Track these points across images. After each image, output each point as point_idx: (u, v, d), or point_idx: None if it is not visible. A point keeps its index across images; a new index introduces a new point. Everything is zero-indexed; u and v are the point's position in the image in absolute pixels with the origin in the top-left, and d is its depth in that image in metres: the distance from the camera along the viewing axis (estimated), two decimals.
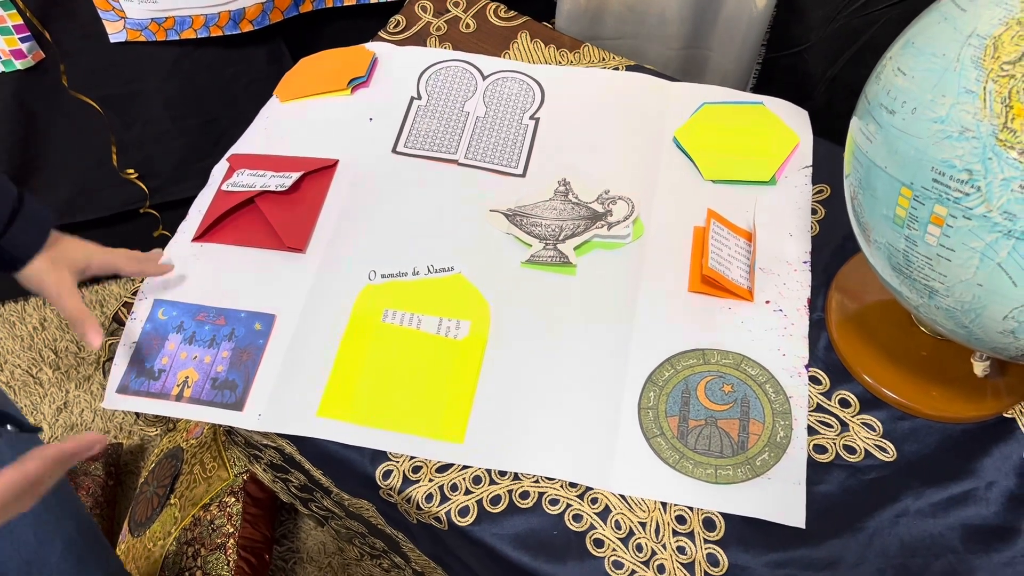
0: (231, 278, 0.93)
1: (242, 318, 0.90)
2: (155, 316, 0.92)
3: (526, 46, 1.13)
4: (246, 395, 0.86)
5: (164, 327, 0.91)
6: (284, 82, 1.11)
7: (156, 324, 0.91)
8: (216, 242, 0.97)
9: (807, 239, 0.94)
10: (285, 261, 0.94)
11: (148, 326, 0.91)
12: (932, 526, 0.77)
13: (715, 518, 0.78)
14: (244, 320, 0.90)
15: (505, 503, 0.80)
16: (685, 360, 0.85)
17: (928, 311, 0.70)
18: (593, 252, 0.93)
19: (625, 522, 0.78)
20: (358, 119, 1.06)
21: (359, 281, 0.93)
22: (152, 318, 0.92)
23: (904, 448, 0.82)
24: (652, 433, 0.81)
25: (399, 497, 0.82)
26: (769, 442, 0.80)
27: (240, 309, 0.91)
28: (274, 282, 0.93)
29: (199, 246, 0.97)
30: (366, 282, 0.92)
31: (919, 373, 0.84)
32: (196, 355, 0.89)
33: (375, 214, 0.98)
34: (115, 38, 1.22)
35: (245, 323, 0.90)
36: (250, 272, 0.94)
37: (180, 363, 0.88)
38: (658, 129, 1.03)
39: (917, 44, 0.65)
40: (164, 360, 0.89)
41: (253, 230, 0.97)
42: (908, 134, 0.63)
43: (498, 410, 0.83)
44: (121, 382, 0.88)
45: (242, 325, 0.90)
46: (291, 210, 0.97)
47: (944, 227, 0.62)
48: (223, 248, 0.96)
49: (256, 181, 0.98)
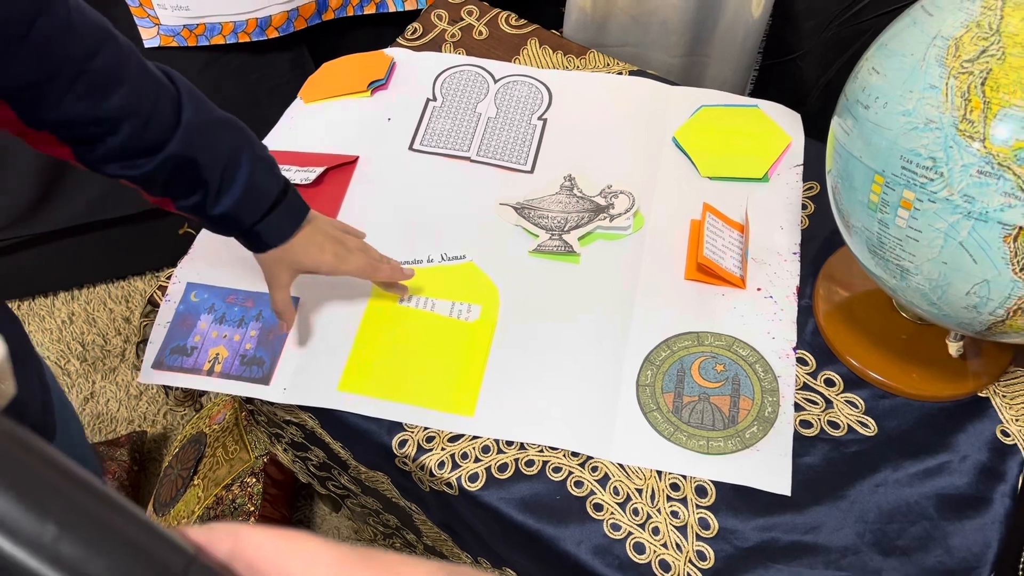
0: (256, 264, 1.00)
1: (268, 300, 0.97)
2: (188, 298, 0.99)
3: (535, 52, 1.20)
4: (272, 370, 0.93)
5: (196, 308, 0.98)
6: (308, 85, 1.18)
7: (189, 305, 0.98)
8: None
9: (797, 232, 1.00)
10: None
11: (181, 307, 0.98)
12: (908, 495, 0.83)
13: (707, 486, 0.84)
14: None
15: (512, 470, 0.86)
16: (681, 342, 0.91)
17: (903, 291, 0.76)
18: (596, 242, 1.00)
19: (623, 488, 0.84)
20: (377, 119, 1.13)
21: None
22: (185, 300, 0.98)
23: (884, 424, 0.87)
24: (649, 408, 0.87)
25: (413, 465, 0.88)
26: (758, 417, 0.86)
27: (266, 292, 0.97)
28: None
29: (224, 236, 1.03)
30: None
31: (900, 355, 0.90)
32: (226, 334, 0.95)
33: (393, 206, 1.04)
34: (149, 43, 1.30)
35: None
36: None
37: (211, 341, 0.95)
38: (659, 130, 1.10)
39: (890, 46, 0.71)
40: (196, 339, 0.95)
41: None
42: (881, 126, 0.70)
43: (506, 386, 0.90)
44: (156, 358, 0.95)
45: (268, 307, 0.96)
46: (314, 202, 1.03)
47: (912, 210, 0.68)
48: None
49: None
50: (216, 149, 0.78)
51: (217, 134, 0.78)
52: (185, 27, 1.28)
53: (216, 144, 0.78)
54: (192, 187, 0.78)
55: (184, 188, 0.79)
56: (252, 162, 0.80)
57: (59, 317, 1.77)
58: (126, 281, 1.81)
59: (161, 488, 1.43)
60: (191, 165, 0.77)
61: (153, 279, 1.82)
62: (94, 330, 1.76)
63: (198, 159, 0.77)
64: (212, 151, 0.77)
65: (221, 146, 0.78)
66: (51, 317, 1.77)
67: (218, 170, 0.78)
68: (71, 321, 1.77)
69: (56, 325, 1.76)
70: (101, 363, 1.72)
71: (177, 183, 0.78)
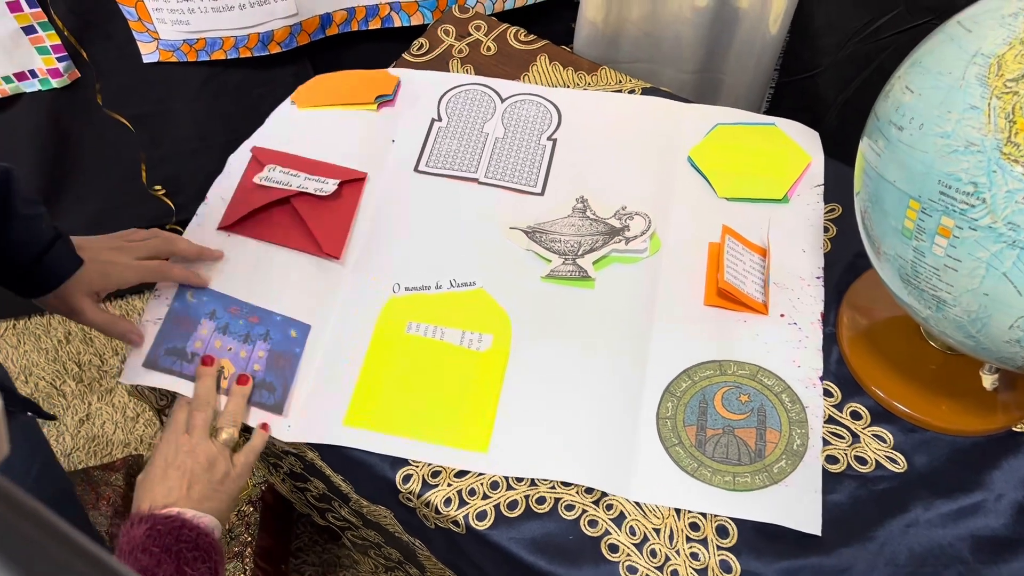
0: (262, 276, 0.95)
1: (277, 322, 0.92)
2: (183, 296, 0.91)
3: (545, 68, 1.17)
4: (285, 399, 0.88)
5: (195, 310, 0.90)
6: (302, 90, 1.14)
7: (185, 304, 0.90)
8: (245, 235, 0.97)
9: (819, 255, 0.96)
10: (317, 268, 0.96)
11: (177, 304, 0.90)
12: (942, 536, 0.79)
13: (728, 525, 0.79)
14: (279, 324, 0.92)
15: (522, 508, 0.82)
16: (702, 371, 0.87)
17: (936, 322, 0.72)
18: (611, 267, 0.96)
19: (640, 528, 0.80)
20: (381, 139, 1.09)
21: (383, 294, 0.95)
22: (180, 297, 0.91)
23: (914, 460, 0.83)
24: (671, 442, 0.83)
25: (418, 501, 0.84)
26: (786, 450, 0.82)
27: (274, 311, 0.92)
28: (307, 289, 0.95)
29: (225, 235, 0.97)
30: (390, 295, 0.95)
31: (929, 387, 0.86)
32: (231, 347, 0.89)
33: (399, 230, 1.00)
34: (148, 58, 1.26)
35: (280, 328, 0.91)
36: (282, 273, 0.95)
37: (215, 350, 0.88)
38: (673, 149, 1.06)
39: (924, 63, 0.68)
40: (198, 344, 0.88)
41: (288, 230, 0.98)
42: (916, 149, 0.66)
43: (521, 420, 0.86)
44: (149, 356, 0.87)
45: (277, 329, 0.91)
46: (328, 216, 0.99)
47: (951, 238, 0.64)
48: (252, 242, 0.97)
49: (292, 180, 1.00)
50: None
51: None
52: (185, 42, 1.24)
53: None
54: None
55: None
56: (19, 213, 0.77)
57: (55, 337, 1.73)
58: (124, 300, 1.77)
59: None
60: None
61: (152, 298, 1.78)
62: (91, 350, 1.72)
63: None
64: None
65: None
66: (47, 336, 1.73)
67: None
68: (67, 341, 1.73)
69: (52, 345, 1.72)
70: (97, 384, 1.68)
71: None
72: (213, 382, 0.85)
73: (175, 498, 0.76)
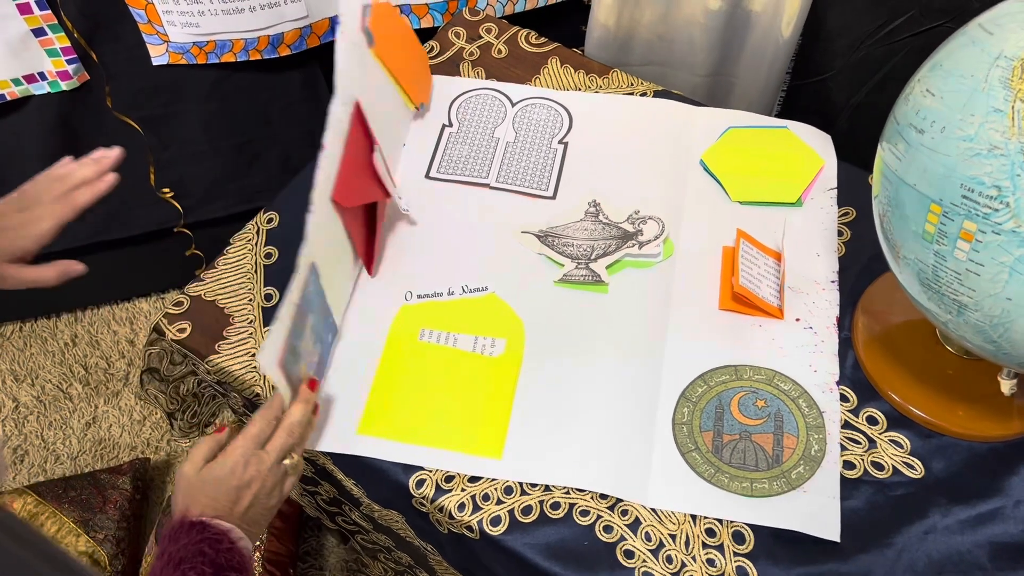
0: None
1: (330, 324, 0.90)
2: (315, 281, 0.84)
3: (556, 71, 1.16)
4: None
5: (309, 303, 0.83)
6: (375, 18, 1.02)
7: (308, 295, 0.82)
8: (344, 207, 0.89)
9: (834, 259, 0.95)
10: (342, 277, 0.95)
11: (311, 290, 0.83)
12: (960, 543, 0.78)
13: (744, 531, 0.79)
14: (331, 327, 0.90)
15: (536, 513, 0.81)
16: (718, 376, 0.87)
17: (957, 327, 0.71)
18: (624, 271, 0.95)
19: (655, 534, 0.79)
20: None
21: (396, 302, 0.95)
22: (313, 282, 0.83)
23: (931, 465, 0.82)
24: (687, 448, 0.82)
25: (432, 506, 0.83)
26: (804, 456, 0.81)
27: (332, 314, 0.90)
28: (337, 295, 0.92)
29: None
30: (402, 302, 0.94)
31: (945, 392, 0.85)
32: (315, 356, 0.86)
33: (410, 237, 1.00)
34: (157, 61, 1.26)
35: (332, 331, 0.90)
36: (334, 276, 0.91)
37: (309, 352, 0.83)
38: (685, 152, 1.06)
39: (945, 66, 0.67)
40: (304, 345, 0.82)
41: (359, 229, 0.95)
42: (937, 152, 0.65)
43: (535, 426, 0.85)
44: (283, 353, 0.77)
45: (329, 332, 0.89)
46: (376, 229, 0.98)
47: (973, 242, 0.64)
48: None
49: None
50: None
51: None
52: (195, 44, 1.24)
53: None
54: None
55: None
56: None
57: (61, 339, 1.73)
58: (130, 303, 1.77)
59: (164, 518, 1.38)
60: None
61: (158, 300, 1.77)
62: (97, 353, 1.71)
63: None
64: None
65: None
66: (53, 339, 1.73)
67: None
68: (74, 343, 1.72)
69: (58, 347, 1.72)
70: (104, 387, 1.67)
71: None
72: (310, 409, 0.81)
73: (228, 511, 0.73)
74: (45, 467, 1.58)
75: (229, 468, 0.74)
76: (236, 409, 1.02)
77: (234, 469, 0.74)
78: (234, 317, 0.95)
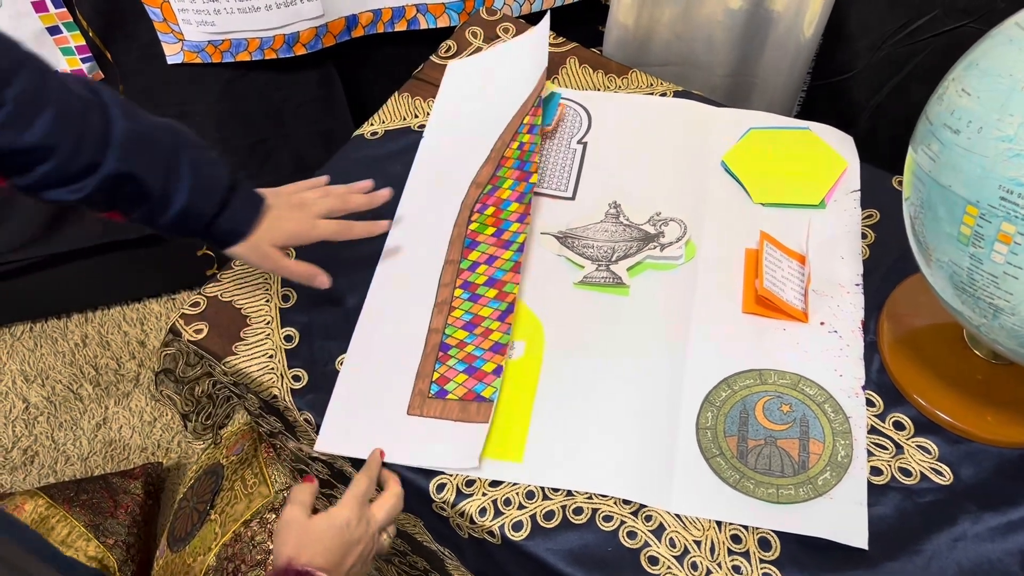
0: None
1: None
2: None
3: (575, 71, 1.15)
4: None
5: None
6: None
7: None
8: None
9: (859, 262, 0.94)
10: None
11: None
12: (991, 551, 0.77)
13: (770, 538, 0.78)
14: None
15: (559, 519, 0.80)
16: (742, 380, 0.85)
17: (990, 331, 0.70)
18: (646, 273, 0.94)
19: (680, 540, 0.78)
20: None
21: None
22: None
23: (960, 472, 0.81)
24: (711, 453, 0.81)
25: (452, 511, 0.82)
26: (830, 462, 0.80)
27: None
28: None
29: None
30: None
31: (974, 397, 0.84)
32: None
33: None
34: (172, 59, 1.25)
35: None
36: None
37: None
38: (705, 153, 1.04)
39: (981, 65, 0.66)
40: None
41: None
42: (974, 152, 0.64)
43: (556, 429, 0.84)
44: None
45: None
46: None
47: (1012, 244, 0.62)
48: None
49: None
50: (153, 158, 0.76)
51: (152, 142, 0.76)
52: (210, 43, 1.23)
53: (152, 152, 0.76)
54: (137, 200, 0.77)
55: (129, 202, 0.78)
56: (193, 162, 0.78)
57: (72, 340, 1.72)
58: (141, 303, 1.76)
59: (176, 522, 1.37)
60: (130, 179, 0.75)
61: (169, 301, 1.77)
62: (108, 353, 1.71)
63: (136, 172, 0.75)
64: (149, 161, 0.76)
65: (158, 154, 0.76)
66: (64, 340, 1.72)
67: (159, 178, 0.77)
68: (84, 344, 1.72)
69: (69, 348, 1.71)
70: (115, 388, 1.67)
71: (121, 198, 0.77)
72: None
73: (336, 565, 0.71)
74: (55, 468, 1.58)
75: (344, 521, 0.73)
76: (252, 411, 1.01)
77: (348, 523, 0.73)
78: (251, 318, 0.94)
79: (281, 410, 0.92)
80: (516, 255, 0.94)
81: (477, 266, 0.95)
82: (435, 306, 0.93)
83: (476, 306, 0.91)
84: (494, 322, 0.89)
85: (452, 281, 0.94)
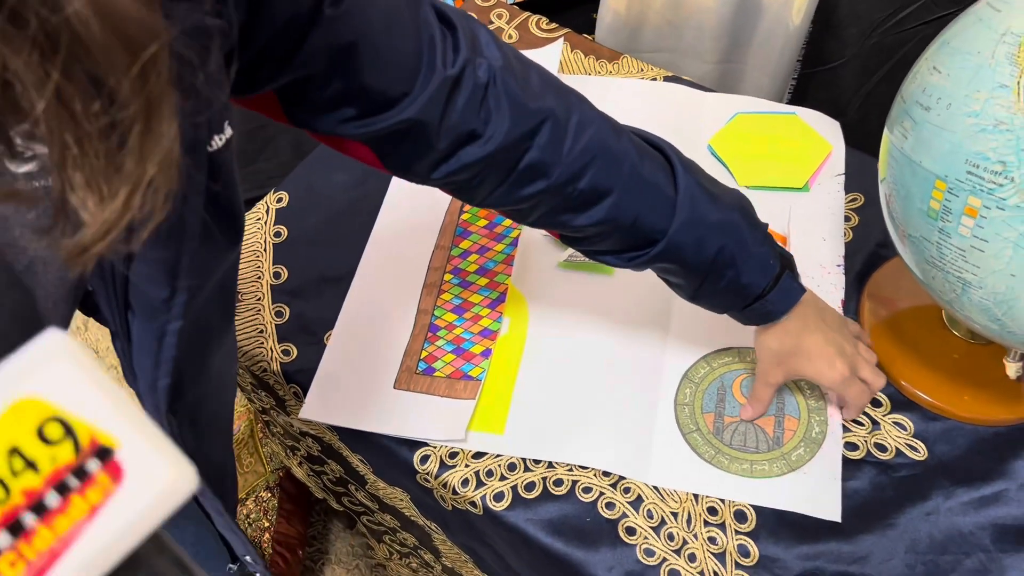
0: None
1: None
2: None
3: (567, 57, 1.17)
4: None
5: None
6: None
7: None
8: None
9: (840, 243, 0.95)
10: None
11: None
12: (963, 524, 0.78)
13: (746, 510, 0.79)
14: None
15: (539, 490, 0.81)
16: (721, 358, 0.87)
17: (960, 306, 0.71)
18: None
19: (657, 512, 0.79)
20: None
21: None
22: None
23: (935, 448, 0.82)
24: (688, 429, 0.83)
25: (436, 482, 0.84)
26: (804, 437, 0.81)
27: None
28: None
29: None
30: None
31: (951, 376, 0.85)
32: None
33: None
34: None
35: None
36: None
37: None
38: (693, 137, 1.06)
39: (953, 44, 0.67)
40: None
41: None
42: (943, 128, 0.65)
43: (537, 403, 0.85)
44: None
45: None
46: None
47: (977, 218, 0.64)
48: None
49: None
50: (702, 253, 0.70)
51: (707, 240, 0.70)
52: None
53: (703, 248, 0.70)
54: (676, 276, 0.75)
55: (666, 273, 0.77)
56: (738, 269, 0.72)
57: (72, 323, 1.74)
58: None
59: None
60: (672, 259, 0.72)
61: None
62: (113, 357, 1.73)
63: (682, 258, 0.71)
64: (698, 254, 0.70)
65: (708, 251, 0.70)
66: None
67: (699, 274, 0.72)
68: (85, 327, 1.74)
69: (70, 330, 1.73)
70: (116, 369, 1.69)
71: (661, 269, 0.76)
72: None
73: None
74: None
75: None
76: (243, 387, 1.03)
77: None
78: (243, 294, 0.96)
79: (271, 384, 0.94)
80: (509, 248, 0.95)
81: (468, 254, 0.96)
82: (424, 287, 0.94)
83: (466, 292, 0.93)
84: (484, 308, 0.91)
85: (442, 266, 0.96)
